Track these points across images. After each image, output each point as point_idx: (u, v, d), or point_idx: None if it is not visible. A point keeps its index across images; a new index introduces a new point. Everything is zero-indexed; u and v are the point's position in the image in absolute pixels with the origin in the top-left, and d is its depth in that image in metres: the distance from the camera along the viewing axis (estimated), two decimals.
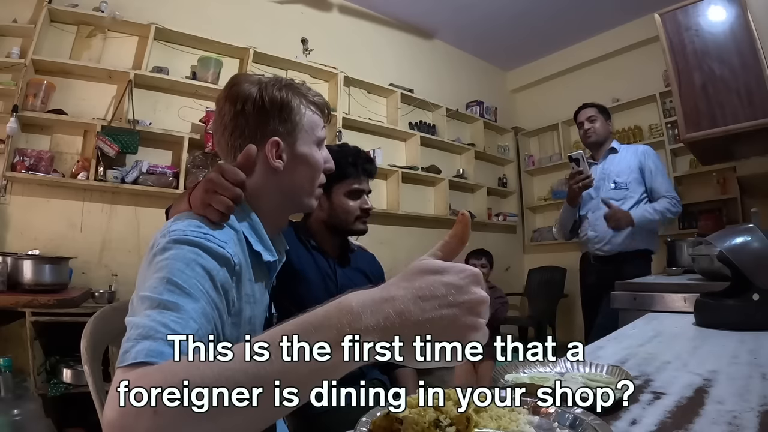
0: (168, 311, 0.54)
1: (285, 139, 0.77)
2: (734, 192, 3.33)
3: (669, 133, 3.76)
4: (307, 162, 0.79)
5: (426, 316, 0.37)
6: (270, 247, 0.77)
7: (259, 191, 0.77)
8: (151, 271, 0.58)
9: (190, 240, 0.61)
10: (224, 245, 0.64)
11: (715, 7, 2.06)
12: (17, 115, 2.30)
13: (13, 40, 2.44)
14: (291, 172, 0.78)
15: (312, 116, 0.80)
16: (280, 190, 0.78)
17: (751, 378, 0.62)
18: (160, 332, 0.52)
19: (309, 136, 0.80)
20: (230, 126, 0.77)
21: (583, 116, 2.44)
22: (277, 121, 0.77)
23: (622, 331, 1.09)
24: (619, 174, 2.30)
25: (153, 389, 0.37)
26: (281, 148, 0.77)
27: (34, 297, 1.91)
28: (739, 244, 0.98)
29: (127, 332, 0.52)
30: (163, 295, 0.55)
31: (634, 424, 0.49)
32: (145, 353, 0.49)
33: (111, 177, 2.50)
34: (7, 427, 1.61)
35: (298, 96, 0.79)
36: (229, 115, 0.77)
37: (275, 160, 0.76)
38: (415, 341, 0.36)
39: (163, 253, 0.59)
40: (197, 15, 3.01)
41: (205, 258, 0.60)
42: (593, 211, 2.32)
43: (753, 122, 1.90)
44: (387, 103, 3.95)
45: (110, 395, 0.43)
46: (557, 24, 4.12)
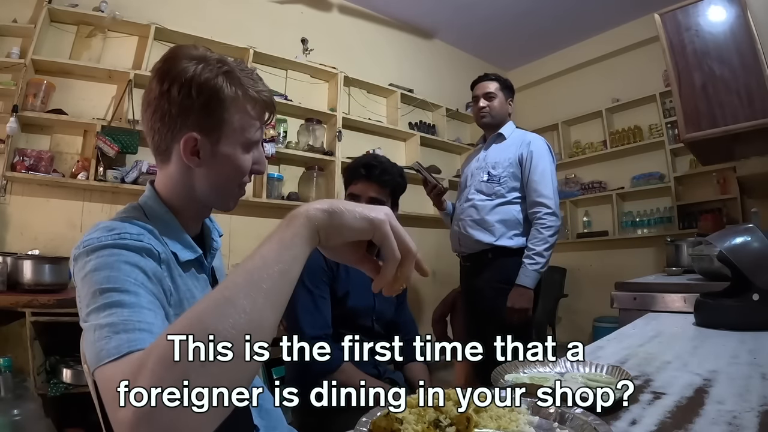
0: (119, 309, 0.53)
1: (207, 135, 0.69)
2: (734, 192, 3.33)
3: (669, 133, 3.76)
4: (228, 164, 0.71)
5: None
6: (188, 243, 0.73)
7: (173, 183, 0.73)
8: (83, 291, 0.57)
9: (105, 245, 0.59)
10: (141, 237, 0.62)
11: (715, 7, 2.06)
12: (17, 115, 2.29)
13: (13, 40, 2.44)
14: (208, 171, 0.71)
15: (246, 114, 0.70)
16: (194, 187, 0.72)
17: (751, 378, 0.62)
18: (129, 322, 0.51)
19: (236, 136, 0.70)
20: (153, 105, 0.69)
21: (480, 90, 2.13)
22: (202, 115, 0.68)
23: (622, 331, 1.09)
24: (496, 165, 2.04)
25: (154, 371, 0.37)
26: (199, 145, 0.69)
27: (34, 297, 1.90)
28: (739, 244, 0.99)
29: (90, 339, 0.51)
30: (105, 301, 0.54)
31: (634, 424, 0.49)
32: (128, 345, 0.48)
33: (111, 177, 2.50)
34: (7, 427, 1.61)
35: (237, 87, 0.69)
36: (154, 93, 0.69)
37: (190, 156, 0.69)
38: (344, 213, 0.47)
39: (84, 268, 0.58)
40: (197, 15, 3.01)
41: (126, 255, 0.59)
42: (459, 206, 2.13)
43: (753, 122, 1.90)
44: (387, 103, 3.95)
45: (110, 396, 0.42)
46: (557, 24, 4.12)
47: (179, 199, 0.74)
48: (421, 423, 0.45)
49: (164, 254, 0.66)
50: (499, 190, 2.00)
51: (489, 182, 2.03)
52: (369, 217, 0.47)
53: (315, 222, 0.46)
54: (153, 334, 0.51)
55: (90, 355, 0.50)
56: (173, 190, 0.73)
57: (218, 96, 0.68)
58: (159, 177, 0.75)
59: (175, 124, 0.69)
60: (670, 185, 3.76)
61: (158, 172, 0.75)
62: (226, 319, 0.38)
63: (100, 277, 0.56)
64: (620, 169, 4.15)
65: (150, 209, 0.72)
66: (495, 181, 2.02)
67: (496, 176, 2.02)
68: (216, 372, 0.37)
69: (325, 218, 0.46)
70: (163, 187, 0.74)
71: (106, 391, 0.46)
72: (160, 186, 0.74)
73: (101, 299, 0.54)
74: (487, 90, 2.10)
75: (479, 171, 2.11)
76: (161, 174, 0.74)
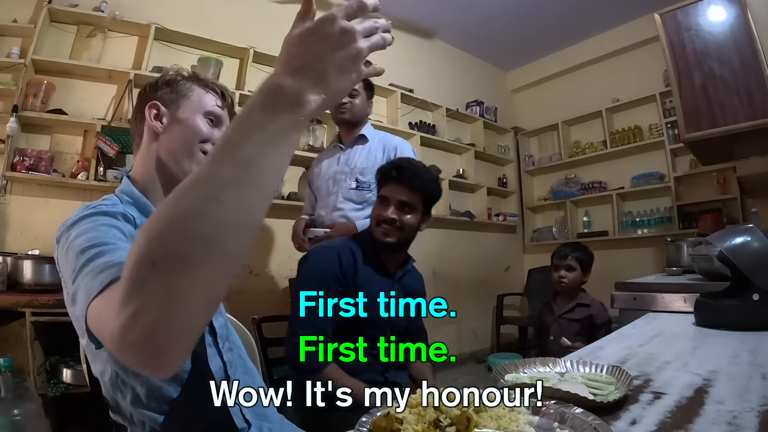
0: (101, 258, 0.54)
1: (168, 105, 0.83)
2: (734, 192, 3.33)
3: (669, 133, 3.76)
4: (186, 125, 0.82)
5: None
6: None
7: (143, 161, 0.83)
8: (66, 262, 0.60)
9: (82, 216, 0.65)
10: (116, 206, 0.69)
11: (715, 7, 2.06)
12: (17, 115, 2.29)
13: (13, 40, 2.44)
14: (169, 135, 0.82)
15: (204, 93, 0.85)
16: (159, 155, 0.82)
17: (751, 378, 0.62)
18: (110, 262, 0.52)
19: (194, 106, 0.83)
20: (134, 108, 0.86)
21: None
22: (163, 92, 0.83)
23: (622, 331, 1.09)
24: (364, 171, 1.96)
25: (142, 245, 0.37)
26: (162, 113, 0.82)
27: (34, 297, 1.90)
28: (739, 244, 0.98)
29: (81, 291, 0.52)
30: (88, 256, 0.56)
31: (634, 424, 0.49)
32: (110, 276, 0.49)
33: (111, 177, 2.50)
34: (7, 427, 1.61)
35: (193, 80, 0.86)
36: (136, 100, 0.86)
37: (153, 121, 0.82)
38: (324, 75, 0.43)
39: (66, 242, 0.62)
40: (197, 15, 3.01)
41: (103, 219, 0.64)
42: (327, 215, 2.04)
43: (753, 122, 1.90)
44: (387, 103, 3.94)
45: (98, 324, 0.45)
46: (557, 24, 4.12)
47: (149, 177, 0.82)
48: (421, 423, 0.45)
49: (139, 220, 0.72)
50: (370, 197, 1.93)
51: (358, 189, 1.96)
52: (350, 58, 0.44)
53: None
54: None
55: (81, 304, 0.51)
56: (143, 169, 0.82)
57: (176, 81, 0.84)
58: (134, 165, 0.85)
59: (144, 103, 0.83)
60: (670, 185, 3.76)
61: (134, 162, 0.86)
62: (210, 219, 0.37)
63: (81, 240, 0.59)
64: (620, 169, 4.15)
65: (123, 195, 0.79)
66: (365, 189, 1.95)
67: (365, 183, 1.96)
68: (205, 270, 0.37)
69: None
70: (136, 172, 0.83)
71: (97, 320, 0.47)
72: (135, 173, 0.84)
73: (84, 257, 0.56)
74: None
75: (344, 176, 2.02)
76: (136, 161, 0.85)
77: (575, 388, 0.57)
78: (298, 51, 0.43)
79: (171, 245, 0.36)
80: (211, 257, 0.37)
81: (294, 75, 0.42)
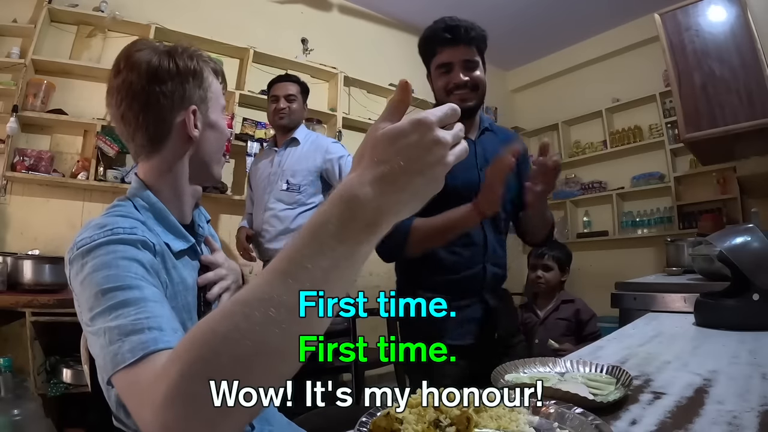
0: (125, 309, 0.52)
1: (199, 106, 0.74)
2: (734, 192, 3.33)
3: (669, 133, 3.76)
4: (218, 129, 0.78)
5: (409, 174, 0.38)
6: (181, 233, 0.74)
7: (163, 170, 0.74)
8: (83, 295, 0.56)
9: (99, 243, 0.58)
10: (134, 231, 0.62)
11: (715, 7, 2.06)
12: (17, 115, 2.29)
13: (13, 40, 2.44)
14: (204, 141, 0.76)
15: (217, 84, 0.79)
16: (192, 161, 0.76)
17: (751, 378, 0.62)
18: (138, 322, 0.50)
19: (217, 104, 0.78)
20: (141, 97, 0.70)
21: (282, 91, 2.07)
22: (191, 86, 0.73)
23: (622, 331, 1.09)
24: (295, 174, 2.01)
25: (185, 353, 0.37)
26: (197, 117, 0.74)
27: (34, 297, 1.90)
28: (739, 244, 0.99)
29: (100, 343, 0.50)
30: (110, 303, 0.52)
31: (634, 424, 0.49)
32: (141, 346, 0.48)
33: (111, 177, 2.50)
34: (7, 427, 1.61)
35: (205, 64, 0.76)
36: (139, 85, 0.70)
37: (194, 129, 0.73)
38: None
39: (82, 271, 0.57)
40: (197, 15, 3.01)
41: (122, 249, 0.58)
42: (259, 216, 2.07)
43: (753, 122, 1.90)
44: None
45: (136, 399, 0.43)
46: (557, 24, 4.11)
47: (168, 186, 0.75)
48: (421, 423, 0.45)
49: (158, 246, 0.66)
50: (300, 199, 1.98)
51: (289, 191, 1.99)
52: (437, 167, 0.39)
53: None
54: (163, 330, 0.50)
55: (103, 361, 0.50)
56: (162, 177, 0.74)
57: (200, 72, 0.74)
58: (145, 169, 0.76)
59: (171, 107, 0.72)
60: (670, 185, 3.76)
61: (142, 165, 0.76)
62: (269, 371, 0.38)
63: (100, 277, 0.55)
64: (620, 169, 4.15)
65: (139, 201, 0.72)
66: (295, 190, 1.99)
67: (295, 185, 2.00)
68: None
69: None
70: (151, 177, 0.74)
71: (130, 395, 0.47)
72: (148, 177, 0.75)
73: (105, 301, 0.53)
74: (289, 92, 2.09)
75: (275, 178, 2.05)
76: (147, 165, 0.75)
77: (575, 388, 0.57)
78: (385, 155, 0.38)
79: (225, 368, 0.36)
80: (263, 380, 0.37)
81: (374, 184, 0.37)
